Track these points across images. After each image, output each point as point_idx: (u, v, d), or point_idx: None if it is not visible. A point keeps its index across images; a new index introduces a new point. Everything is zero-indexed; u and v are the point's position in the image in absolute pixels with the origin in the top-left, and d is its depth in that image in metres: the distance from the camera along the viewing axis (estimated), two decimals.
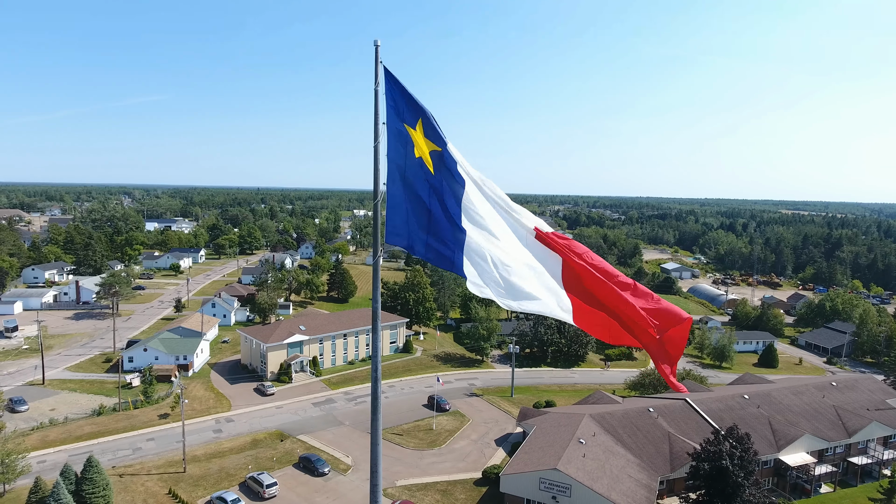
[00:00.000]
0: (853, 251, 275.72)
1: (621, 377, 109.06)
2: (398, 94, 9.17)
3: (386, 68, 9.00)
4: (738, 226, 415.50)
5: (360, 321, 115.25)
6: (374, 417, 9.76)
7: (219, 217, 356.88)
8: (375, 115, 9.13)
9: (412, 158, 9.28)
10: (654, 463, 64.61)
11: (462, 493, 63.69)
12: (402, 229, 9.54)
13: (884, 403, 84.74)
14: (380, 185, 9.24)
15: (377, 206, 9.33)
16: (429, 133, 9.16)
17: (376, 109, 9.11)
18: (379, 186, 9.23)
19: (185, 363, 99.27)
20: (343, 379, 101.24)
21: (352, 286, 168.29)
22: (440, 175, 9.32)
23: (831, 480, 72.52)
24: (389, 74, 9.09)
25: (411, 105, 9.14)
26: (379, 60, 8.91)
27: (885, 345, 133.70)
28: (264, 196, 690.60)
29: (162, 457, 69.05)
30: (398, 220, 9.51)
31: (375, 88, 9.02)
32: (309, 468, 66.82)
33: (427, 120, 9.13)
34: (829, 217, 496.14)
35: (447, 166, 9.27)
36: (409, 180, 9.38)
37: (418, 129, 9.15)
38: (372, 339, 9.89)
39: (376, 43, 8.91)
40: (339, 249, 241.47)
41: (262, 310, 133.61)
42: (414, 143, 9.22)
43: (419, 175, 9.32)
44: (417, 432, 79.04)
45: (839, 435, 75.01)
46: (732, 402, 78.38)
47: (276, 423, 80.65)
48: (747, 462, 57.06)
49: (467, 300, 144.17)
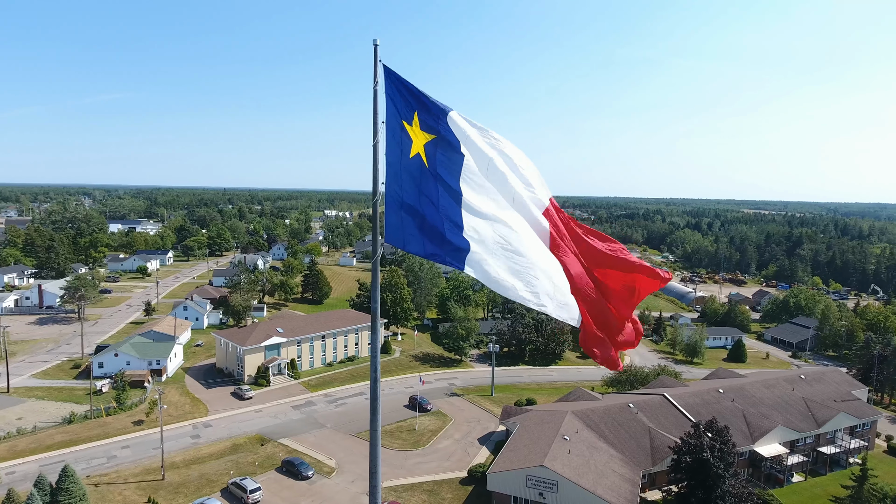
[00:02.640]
0: (813, 249, 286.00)
1: (598, 374, 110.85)
2: (397, 92, 9.13)
3: (385, 66, 8.98)
4: (704, 225, 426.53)
5: (338, 322, 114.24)
6: (372, 418, 9.75)
7: (186, 218, 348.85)
8: (374, 113, 9.09)
9: (409, 157, 9.25)
10: (636, 457, 65.84)
11: (448, 492, 63.78)
12: (401, 228, 9.49)
13: (849, 395, 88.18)
14: (379, 184, 9.21)
15: (376, 205, 9.31)
16: (424, 124, 9.10)
17: (375, 108, 9.07)
18: (378, 185, 9.20)
19: (159, 368, 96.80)
20: (322, 381, 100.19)
21: (326, 287, 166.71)
22: (434, 167, 9.20)
23: (802, 470, 75.09)
24: (389, 72, 9.05)
25: (408, 99, 9.10)
26: (378, 59, 8.88)
27: (846, 338, 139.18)
28: (231, 196, 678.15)
29: (139, 464, 67.19)
30: (395, 219, 9.44)
31: (374, 87, 8.98)
32: (292, 472, 65.93)
33: (422, 109, 9.06)
34: (789, 216, 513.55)
35: (441, 153, 9.14)
36: (405, 179, 9.33)
37: (415, 124, 9.12)
38: (371, 340, 9.86)
39: (375, 42, 8.88)
40: (311, 250, 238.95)
41: (236, 312, 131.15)
42: (412, 139, 9.18)
43: (416, 173, 9.27)
44: (401, 433, 78.80)
45: (809, 426, 77.71)
46: (708, 396, 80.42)
47: (256, 427, 79.33)
48: (727, 454, 58.73)
49: (445, 300, 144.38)
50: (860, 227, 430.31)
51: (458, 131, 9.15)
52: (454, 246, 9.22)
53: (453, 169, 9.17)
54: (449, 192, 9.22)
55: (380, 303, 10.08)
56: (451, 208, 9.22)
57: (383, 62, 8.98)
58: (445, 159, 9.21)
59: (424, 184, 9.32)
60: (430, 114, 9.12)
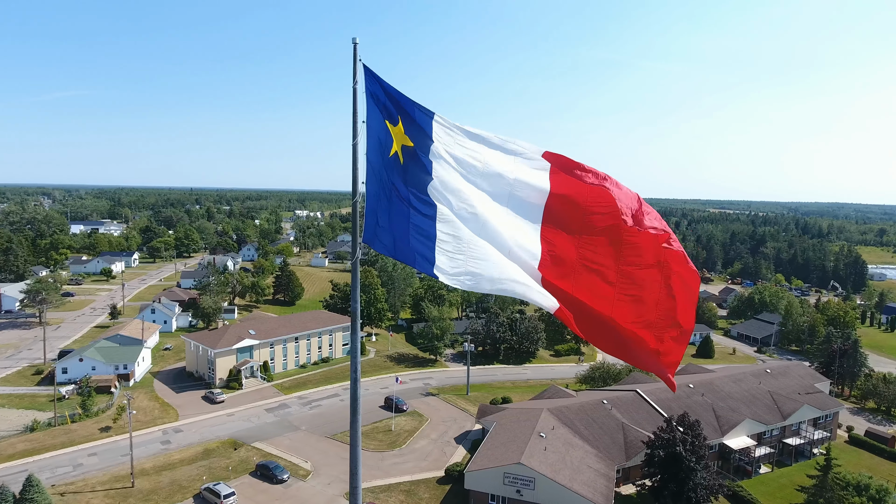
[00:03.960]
0: (775, 247, 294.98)
1: (571, 372, 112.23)
2: (380, 92, 9.08)
3: (366, 66, 8.95)
4: (672, 224, 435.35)
5: (312, 324, 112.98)
6: (353, 419, 9.71)
7: (151, 219, 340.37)
8: (354, 112, 9.05)
9: (388, 156, 9.24)
10: (610, 452, 66.85)
11: (426, 492, 63.69)
12: (379, 229, 9.45)
13: (812, 387, 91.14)
14: (358, 184, 9.18)
15: (356, 205, 9.28)
16: (409, 129, 9.10)
17: (355, 107, 9.04)
18: (357, 185, 9.17)
19: (126, 373, 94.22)
20: (296, 383, 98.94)
21: (299, 288, 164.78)
22: (409, 169, 9.19)
23: (769, 461, 77.36)
24: (370, 72, 9.00)
25: (392, 101, 9.06)
26: (358, 58, 8.85)
27: (808, 334, 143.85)
28: (199, 196, 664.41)
29: (107, 472, 65.25)
30: (375, 220, 9.40)
31: (354, 86, 8.95)
32: (267, 476, 64.93)
33: (407, 116, 9.05)
34: (752, 215, 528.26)
35: (419, 158, 9.14)
36: (385, 179, 9.30)
37: (399, 126, 9.10)
38: (351, 340, 9.79)
39: (354, 41, 8.87)
40: (282, 251, 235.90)
41: (206, 314, 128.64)
42: (393, 139, 9.15)
43: (394, 173, 9.26)
44: (377, 434, 78.37)
45: (775, 418, 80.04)
46: (679, 391, 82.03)
47: (229, 432, 77.88)
48: (698, 447, 60.16)
49: (419, 300, 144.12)
50: (819, 225, 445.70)
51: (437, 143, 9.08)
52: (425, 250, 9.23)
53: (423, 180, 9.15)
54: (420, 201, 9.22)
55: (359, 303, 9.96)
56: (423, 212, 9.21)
57: (363, 61, 8.92)
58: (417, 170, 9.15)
59: (402, 185, 9.30)
60: (414, 124, 9.08)
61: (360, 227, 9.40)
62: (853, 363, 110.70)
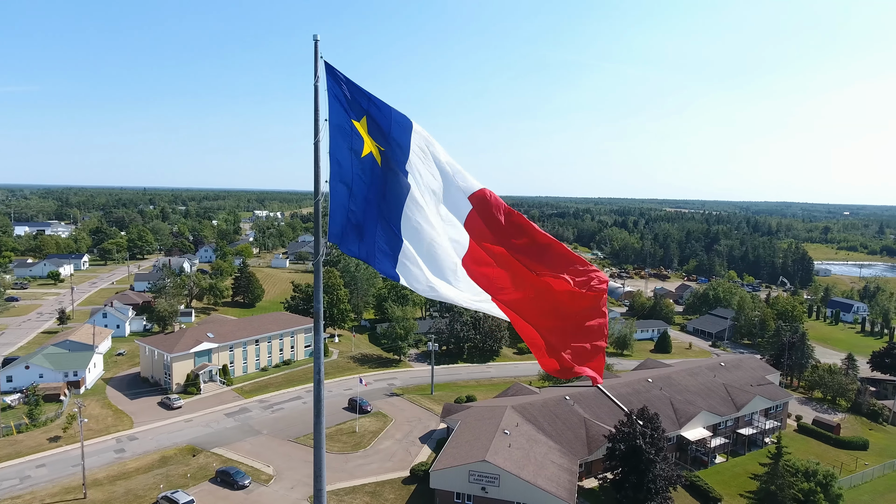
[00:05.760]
0: (728, 245, 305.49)
1: (534, 369, 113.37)
2: (342, 90, 8.98)
3: (327, 63, 8.83)
4: (630, 223, 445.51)
5: (273, 326, 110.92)
6: (316, 421, 9.62)
7: (102, 219, 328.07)
8: (315, 111, 8.92)
9: (357, 156, 9.12)
10: (573, 447, 67.93)
11: (391, 492, 63.35)
12: (343, 229, 9.33)
13: (764, 379, 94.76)
14: (321, 183, 9.04)
15: (318, 205, 9.15)
16: (373, 131, 9.05)
17: (316, 105, 8.90)
18: (320, 184, 9.03)
19: (76, 380, 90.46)
20: (257, 386, 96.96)
21: (259, 290, 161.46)
22: (385, 173, 9.18)
23: (724, 451, 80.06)
24: (332, 70, 8.89)
25: (357, 100, 8.98)
26: (319, 55, 8.74)
27: (759, 327, 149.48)
28: (153, 196, 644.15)
29: (57, 483, 62.49)
30: (340, 220, 9.26)
31: (315, 84, 8.82)
32: (228, 482, 63.38)
33: (371, 118, 9.01)
34: (706, 214, 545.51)
35: (392, 165, 9.16)
36: (351, 178, 9.17)
37: (363, 125, 9.04)
38: (314, 340, 9.66)
39: (315, 38, 8.77)
40: (242, 252, 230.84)
41: (162, 318, 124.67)
42: (363, 139, 9.07)
43: (362, 173, 9.16)
44: (340, 436, 77.51)
45: (729, 410, 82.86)
46: (638, 385, 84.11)
47: (187, 438, 75.67)
48: (657, 440, 61.71)
49: (382, 300, 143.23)
50: (769, 224, 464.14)
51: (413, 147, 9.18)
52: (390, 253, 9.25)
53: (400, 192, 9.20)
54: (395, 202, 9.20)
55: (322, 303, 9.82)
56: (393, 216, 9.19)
57: (325, 59, 8.76)
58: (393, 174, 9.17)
59: (374, 186, 9.19)
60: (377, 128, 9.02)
61: (324, 226, 9.21)
62: (801, 355, 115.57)
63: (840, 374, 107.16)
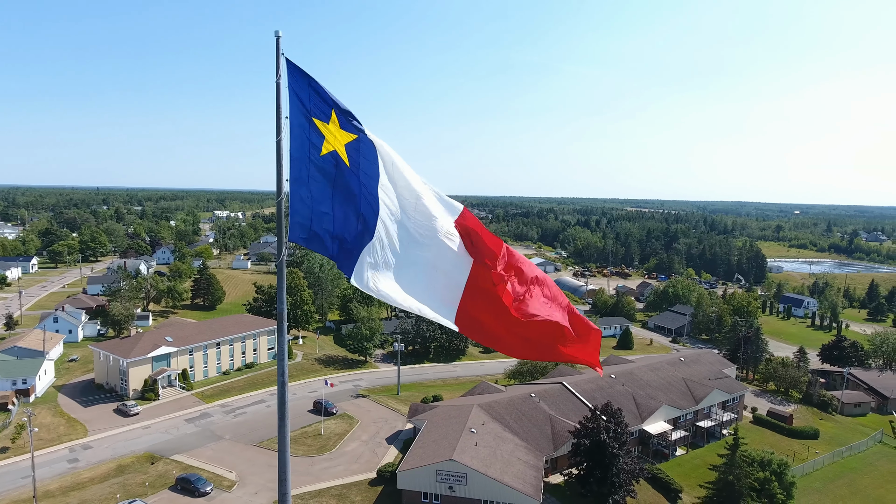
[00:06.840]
0: (687, 243, 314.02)
1: (500, 367, 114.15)
2: (304, 87, 8.79)
3: (289, 60, 8.64)
4: (592, 222, 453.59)
5: (234, 328, 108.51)
6: (280, 424, 9.50)
7: (52, 220, 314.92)
8: (277, 109, 8.72)
9: (320, 154, 8.96)
10: (539, 444, 68.61)
11: (357, 494, 62.73)
12: (306, 227, 9.14)
13: (721, 373, 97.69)
14: (283, 182, 8.88)
15: (280, 204, 8.97)
16: (344, 124, 8.95)
17: (278, 103, 8.70)
18: (283, 184, 8.88)
19: (25, 388, 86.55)
20: (218, 391, 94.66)
21: (219, 292, 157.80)
22: (355, 168, 9.08)
23: (684, 444, 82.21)
24: (294, 67, 8.70)
25: (321, 97, 8.82)
26: (280, 52, 8.54)
27: (716, 323, 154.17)
28: (106, 197, 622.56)
29: (5, 496, 59.61)
30: (302, 218, 9.09)
31: (277, 81, 8.64)
32: (188, 489, 61.62)
33: (340, 111, 8.90)
34: (665, 214, 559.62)
35: (363, 156, 9.07)
36: (315, 176, 9.01)
37: (332, 122, 8.88)
38: (278, 342, 9.47)
39: (277, 34, 8.56)
40: (201, 253, 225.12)
41: (117, 322, 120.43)
42: (325, 137, 8.91)
43: (327, 171, 9.01)
44: (305, 439, 76.35)
45: (689, 403, 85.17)
46: (602, 382, 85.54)
47: (145, 445, 73.28)
48: (620, 434, 62.92)
49: (347, 301, 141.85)
50: (725, 223, 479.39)
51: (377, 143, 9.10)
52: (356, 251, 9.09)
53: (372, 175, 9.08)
54: (366, 197, 9.04)
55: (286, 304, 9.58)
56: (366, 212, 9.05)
57: (286, 56, 8.54)
58: (367, 163, 9.05)
59: (339, 184, 9.02)
60: (346, 120, 8.88)
61: (286, 226, 8.96)
62: (756, 349, 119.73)
63: (792, 366, 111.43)
